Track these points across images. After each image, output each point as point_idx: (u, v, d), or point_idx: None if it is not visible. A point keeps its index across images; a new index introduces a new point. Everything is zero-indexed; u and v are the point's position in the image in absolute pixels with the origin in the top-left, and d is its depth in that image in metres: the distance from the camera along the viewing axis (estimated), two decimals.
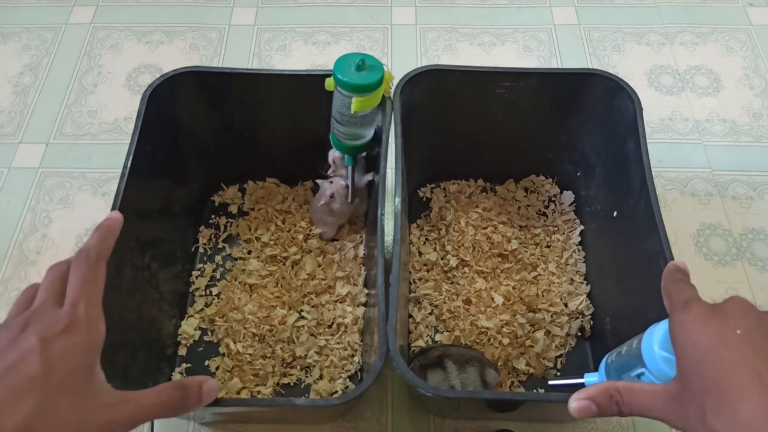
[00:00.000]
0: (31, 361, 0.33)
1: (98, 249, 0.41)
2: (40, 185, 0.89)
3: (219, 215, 0.84)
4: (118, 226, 0.44)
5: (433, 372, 0.66)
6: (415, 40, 1.07)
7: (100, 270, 0.40)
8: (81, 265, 0.39)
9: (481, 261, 0.78)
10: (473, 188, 0.86)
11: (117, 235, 0.44)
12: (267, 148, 0.81)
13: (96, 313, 0.38)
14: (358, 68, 0.61)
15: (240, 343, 0.72)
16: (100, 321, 0.38)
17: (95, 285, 0.39)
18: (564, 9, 1.11)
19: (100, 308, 0.39)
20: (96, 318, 0.38)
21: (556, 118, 0.75)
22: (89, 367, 0.36)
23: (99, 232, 0.42)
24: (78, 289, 0.38)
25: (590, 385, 0.38)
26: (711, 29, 1.08)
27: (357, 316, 0.74)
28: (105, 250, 0.42)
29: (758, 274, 0.81)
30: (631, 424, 0.71)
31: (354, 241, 0.81)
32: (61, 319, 0.36)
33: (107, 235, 0.42)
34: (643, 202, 0.61)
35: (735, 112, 0.98)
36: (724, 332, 0.33)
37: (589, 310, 0.75)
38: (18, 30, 1.08)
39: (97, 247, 0.41)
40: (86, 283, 0.38)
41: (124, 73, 1.03)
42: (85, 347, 0.36)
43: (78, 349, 0.36)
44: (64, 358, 0.34)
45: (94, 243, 0.41)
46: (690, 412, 0.33)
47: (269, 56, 1.04)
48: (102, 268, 0.40)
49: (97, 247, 0.41)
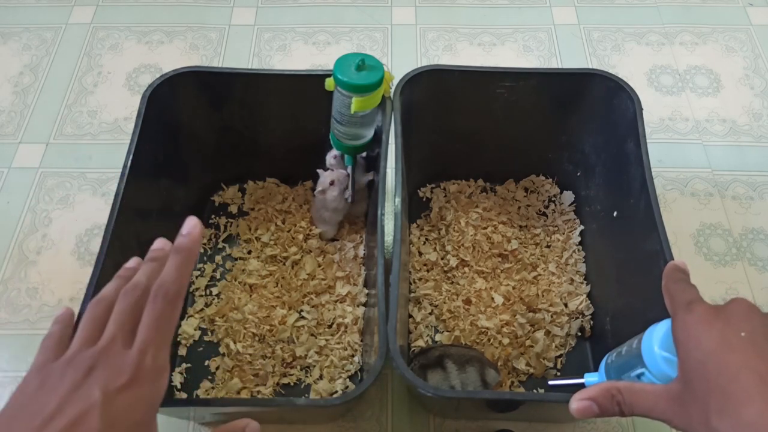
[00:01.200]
0: (93, 419, 0.31)
1: (178, 285, 0.37)
2: (40, 185, 0.89)
3: (219, 215, 0.84)
4: (198, 245, 0.39)
5: (433, 372, 0.66)
6: (415, 40, 1.07)
7: (177, 308, 0.37)
8: (158, 304, 0.36)
9: (481, 261, 0.78)
10: (473, 188, 0.86)
11: (197, 258, 0.39)
12: (267, 148, 0.81)
13: (163, 362, 0.35)
14: (358, 68, 0.61)
15: (240, 343, 0.72)
16: (165, 371, 0.36)
17: (169, 327, 0.36)
18: (564, 9, 1.11)
19: (168, 355, 0.36)
20: (163, 368, 0.35)
21: (556, 118, 0.75)
22: (148, 424, 0.34)
23: (178, 259, 0.37)
24: (150, 331, 0.35)
25: (591, 385, 0.38)
26: (711, 29, 1.08)
27: (357, 316, 0.74)
28: (184, 282, 0.37)
29: (758, 274, 0.81)
30: (631, 424, 0.70)
31: (354, 241, 0.81)
32: (128, 368, 0.33)
33: (188, 262, 0.38)
34: (643, 202, 0.61)
35: (735, 112, 0.98)
36: (727, 334, 0.33)
37: (589, 310, 0.75)
38: (18, 30, 1.08)
39: (177, 282, 0.37)
40: (160, 325, 0.35)
41: (124, 73, 1.02)
42: (148, 403, 0.34)
43: (140, 406, 0.33)
44: (125, 416, 0.33)
45: (174, 276, 0.37)
46: (692, 414, 0.33)
47: (269, 56, 1.04)
48: (179, 307, 0.37)
49: (178, 282, 0.37)
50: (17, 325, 0.77)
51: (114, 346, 0.34)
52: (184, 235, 0.39)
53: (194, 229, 0.39)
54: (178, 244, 0.38)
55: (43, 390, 0.33)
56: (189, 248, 0.38)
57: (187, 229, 0.39)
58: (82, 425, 0.31)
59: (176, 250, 0.38)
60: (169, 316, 0.36)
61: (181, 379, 0.71)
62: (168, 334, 0.36)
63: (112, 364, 0.34)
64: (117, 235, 0.59)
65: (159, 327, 0.35)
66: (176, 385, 0.70)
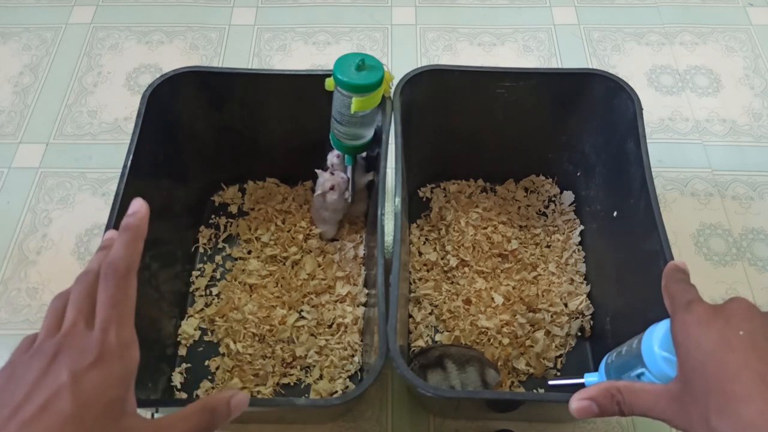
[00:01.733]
0: (63, 400, 0.31)
1: (127, 260, 0.36)
2: (40, 185, 0.89)
3: (219, 215, 0.84)
4: (145, 223, 0.38)
5: (433, 372, 0.66)
6: (415, 40, 1.07)
7: (131, 284, 0.36)
8: (110, 282, 0.35)
9: (481, 261, 0.78)
10: (473, 188, 0.86)
11: (145, 235, 0.38)
12: (267, 148, 0.81)
13: (128, 337, 0.35)
14: (358, 68, 0.61)
15: (240, 343, 0.72)
16: (132, 345, 0.36)
17: (126, 303, 0.36)
18: (564, 9, 1.11)
19: (133, 330, 0.36)
20: (128, 342, 0.35)
21: (556, 118, 0.75)
22: (122, 399, 0.34)
23: (125, 237, 0.37)
24: (107, 310, 0.35)
25: (591, 385, 0.38)
26: (711, 29, 1.08)
27: (357, 316, 0.74)
28: (134, 258, 0.37)
29: (758, 274, 0.81)
30: (631, 424, 0.70)
31: (354, 241, 0.81)
32: (92, 347, 0.33)
33: (135, 239, 0.37)
34: (643, 202, 0.61)
35: (735, 112, 0.98)
36: (727, 334, 0.32)
37: (589, 310, 0.75)
38: (18, 30, 1.08)
39: (125, 258, 0.36)
40: (116, 302, 0.35)
41: (124, 73, 1.02)
42: (118, 379, 0.34)
43: (111, 382, 0.33)
44: (96, 394, 0.32)
45: (123, 253, 0.36)
46: (692, 413, 0.33)
47: (269, 56, 1.04)
48: (132, 282, 0.37)
49: (126, 258, 0.36)
50: (17, 325, 0.77)
51: (75, 330, 0.34)
52: (129, 215, 0.39)
53: (140, 208, 0.39)
54: (125, 223, 0.38)
55: (10, 381, 0.33)
56: (136, 225, 0.38)
57: (133, 209, 0.39)
58: (52, 408, 0.31)
59: (123, 228, 0.38)
60: (123, 292, 0.36)
61: (181, 379, 0.71)
62: (127, 310, 0.36)
63: (77, 345, 0.34)
64: None
65: (116, 304, 0.35)
66: (176, 385, 0.70)
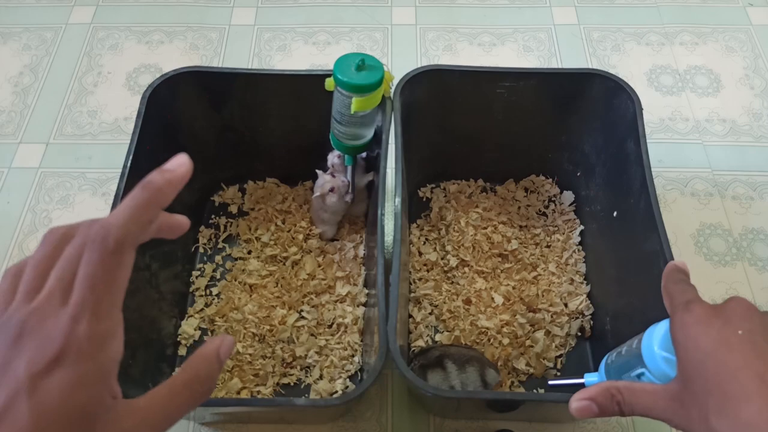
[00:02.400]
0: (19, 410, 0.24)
1: (123, 231, 0.27)
2: (40, 185, 0.89)
3: (219, 215, 0.84)
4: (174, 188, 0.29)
5: (433, 372, 0.66)
6: (415, 40, 1.07)
7: (123, 265, 0.27)
8: (93, 255, 0.26)
9: (481, 261, 0.78)
10: (473, 188, 0.86)
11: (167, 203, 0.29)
12: (267, 148, 0.81)
13: (104, 331, 0.26)
14: (358, 68, 0.61)
15: (240, 343, 0.72)
16: (110, 338, 0.27)
17: (110, 287, 0.27)
18: (564, 9, 1.11)
19: (114, 320, 0.27)
20: (102, 336, 0.26)
21: (556, 118, 0.75)
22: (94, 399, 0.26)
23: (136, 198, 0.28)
24: (83, 292, 0.26)
25: (591, 385, 0.38)
26: (711, 29, 1.08)
27: (357, 316, 0.74)
28: (133, 232, 0.27)
29: (758, 274, 0.81)
30: (631, 424, 0.70)
31: (354, 241, 0.81)
32: (57, 337, 0.25)
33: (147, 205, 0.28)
34: (643, 202, 0.61)
35: (735, 112, 0.98)
36: (726, 333, 0.32)
37: (589, 310, 0.75)
38: (18, 30, 1.08)
39: (121, 228, 0.27)
40: (96, 284, 0.26)
41: (124, 73, 1.02)
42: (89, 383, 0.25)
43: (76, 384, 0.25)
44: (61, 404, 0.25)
45: (122, 220, 0.27)
46: (692, 413, 0.33)
47: (269, 56, 1.04)
48: (124, 263, 0.27)
49: (122, 228, 0.27)
50: None
51: (49, 305, 0.26)
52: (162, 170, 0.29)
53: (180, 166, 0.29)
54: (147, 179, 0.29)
55: None
56: (158, 186, 0.29)
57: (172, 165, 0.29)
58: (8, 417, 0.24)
59: (142, 185, 0.28)
60: (109, 273, 0.26)
61: None
62: (110, 296, 0.27)
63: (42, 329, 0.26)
64: None
65: (95, 287, 0.26)
66: None
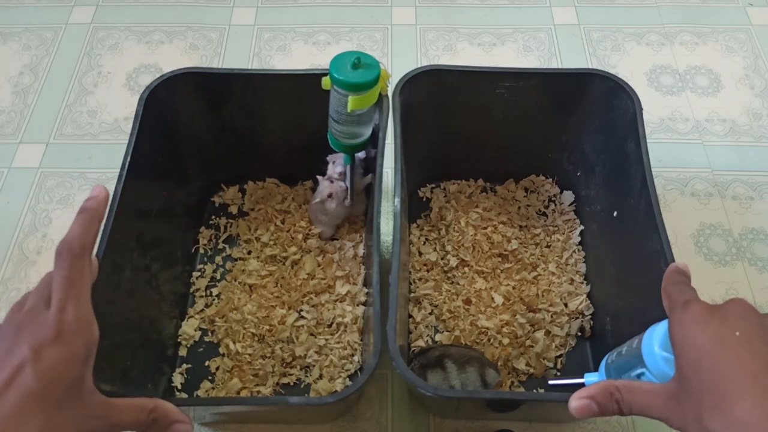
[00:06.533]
0: (26, 377, 0.32)
1: (82, 240, 0.36)
2: (40, 185, 0.89)
3: (219, 216, 0.84)
4: (104, 206, 0.39)
5: (433, 372, 0.66)
6: (415, 40, 1.07)
7: (87, 264, 0.37)
8: (64, 262, 0.36)
9: (481, 261, 0.78)
10: (473, 188, 0.86)
11: (103, 217, 0.39)
12: (267, 148, 0.81)
13: (86, 315, 0.36)
14: (354, 66, 0.60)
15: (240, 343, 0.72)
16: (91, 323, 0.36)
17: (82, 283, 0.36)
18: (564, 9, 1.11)
19: (91, 309, 0.36)
20: (86, 320, 0.36)
21: (556, 118, 0.75)
22: (82, 378, 0.35)
23: (81, 218, 0.38)
24: (63, 290, 0.35)
25: (590, 385, 0.38)
26: (711, 29, 1.08)
27: (357, 315, 0.74)
28: (89, 239, 0.37)
29: (758, 274, 0.81)
30: (631, 424, 0.70)
31: (354, 241, 0.81)
32: (51, 324, 0.34)
33: (91, 221, 0.38)
34: (643, 202, 0.61)
35: (735, 112, 0.98)
36: (722, 333, 0.33)
37: (589, 310, 0.75)
38: (18, 30, 1.08)
39: (80, 239, 0.36)
40: (72, 282, 0.35)
41: (124, 73, 1.03)
42: (77, 355, 0.34)
43: (70, 358, 0.34)
44: (58, 371, 0.33)
45: (77, 233, 0.37)
46: (687, 412, 0.33)
47: (269, 56, 1.04)
48: (88, 262, 0.37)
49: (81, 238, 0.36)
50: None
51: (35, 310, 0.35)
52: (88, 199, 0.40)
53: (100, 193, 0.40)
54: (82, 206, 0.39)
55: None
56: (93, 208, 0.39)
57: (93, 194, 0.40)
58: (17, 381, 0.32)
59: (80, 210, 0.38)
60: (78, 272, 0.36)
61: (181, 379, 0.71)
62: (82, 289, 0.36)
63: (36, 322, 0.35)
64: (116, 236, 0.58)
65: (71, 284, 0.35)
66: (176, 386, 0.70)
